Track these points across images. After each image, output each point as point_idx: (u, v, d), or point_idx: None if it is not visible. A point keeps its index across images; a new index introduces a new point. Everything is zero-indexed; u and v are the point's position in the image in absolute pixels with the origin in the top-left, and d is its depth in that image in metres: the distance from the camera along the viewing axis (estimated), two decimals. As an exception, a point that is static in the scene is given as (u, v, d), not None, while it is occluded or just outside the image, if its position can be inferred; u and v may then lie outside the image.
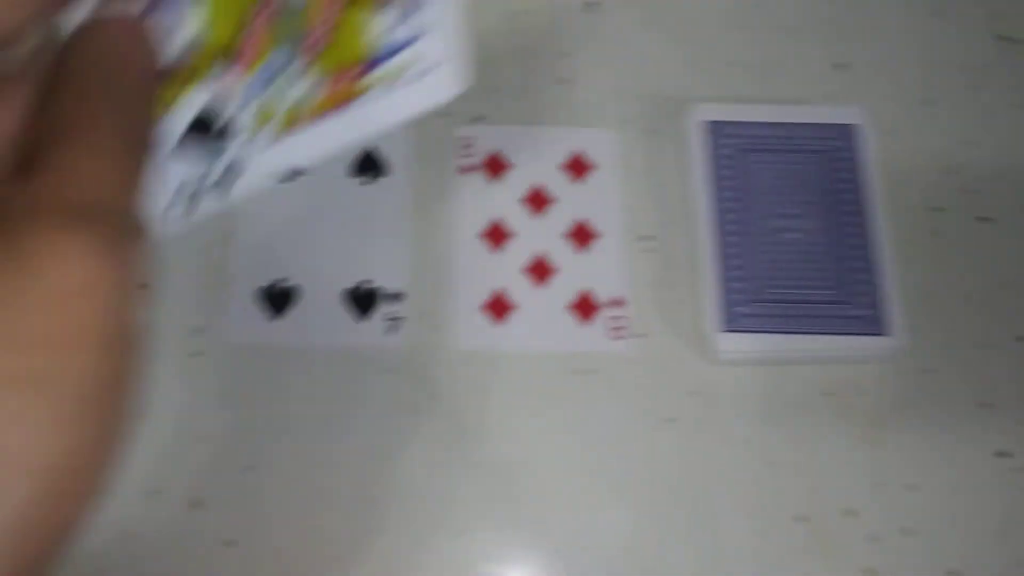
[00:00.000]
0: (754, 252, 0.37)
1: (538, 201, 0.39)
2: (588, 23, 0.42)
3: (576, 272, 0.39)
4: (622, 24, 0.42)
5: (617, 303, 0.38)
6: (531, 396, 0.37)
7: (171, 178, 0.21)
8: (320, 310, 0.38)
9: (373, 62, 0.22)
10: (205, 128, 0.21)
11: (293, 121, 0.21)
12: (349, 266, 0.39)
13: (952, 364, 0.38)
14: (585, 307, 0.38)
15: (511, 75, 0.42)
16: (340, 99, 0.22)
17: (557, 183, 0.40)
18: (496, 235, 0.39)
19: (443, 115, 0.41)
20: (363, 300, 0.38)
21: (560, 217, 0.39)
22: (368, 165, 0.40)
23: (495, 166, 0.40)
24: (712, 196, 0.37)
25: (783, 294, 0.36)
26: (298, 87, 0.21)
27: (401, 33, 0.22)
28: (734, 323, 0.36)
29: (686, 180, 0.40)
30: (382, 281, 0.38)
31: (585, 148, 0.40)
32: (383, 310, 0.38)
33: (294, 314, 0.38)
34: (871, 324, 0.36)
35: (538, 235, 0.39)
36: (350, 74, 0.21)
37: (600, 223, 0.39)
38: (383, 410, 0.37)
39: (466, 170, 0.40)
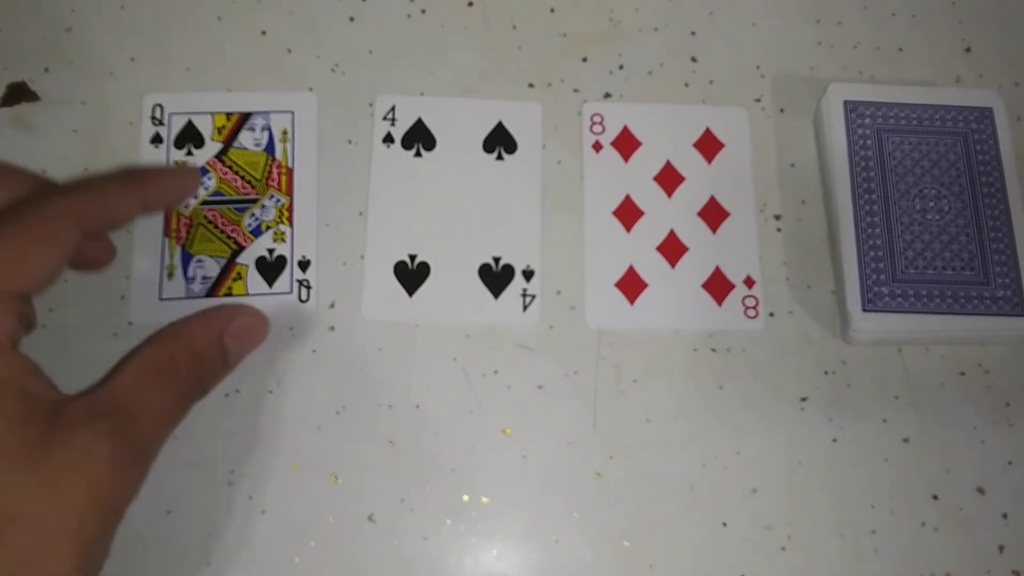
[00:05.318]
0: (892, 232, 0.37)
1: (669, 179, 0.39)
2: (717, 0, 0.42)
3: (708, 250, 0.39)
4: (750, 2, 0.42)
5: (748, 281, 0.38)
6: (664, 374, 0.37)
7: None
8: (453, 286, 0.38)
9: None
10: None
11: None
12: (481, 242, 0.38)
13: (1084, 346, 0.38)
14: (718, 285, 0.38)
15: (640, 52, 0.41)
16: None
17: (687, 161, 0.40)
18: (628, 212, 0.39)
19: (574, 91, 0.41)
20: (498, 277, 0.38)
21: (690, 195, 0.39)
22: (499, 140, 0.39)
23: (626, 143, 0.40)
24: (850, 176, 0.37)
25: (922, 274, 0.36)
26: None
27: None
28: (873, 303, 0.36)
29: (820, 159, 0.40)
30: (513, 258, 0.38)
31: (714, 126, 0.40)
32: (516, 287, 0.38)
33: (427, 290, 0.38)
34: (1012, 305, 0.36)
35: (669, 213, 0.39)
36: None
37: (730, 201, 0.39)
38: (516, 388, 0.37)
39: (596, 147, 0.40)
